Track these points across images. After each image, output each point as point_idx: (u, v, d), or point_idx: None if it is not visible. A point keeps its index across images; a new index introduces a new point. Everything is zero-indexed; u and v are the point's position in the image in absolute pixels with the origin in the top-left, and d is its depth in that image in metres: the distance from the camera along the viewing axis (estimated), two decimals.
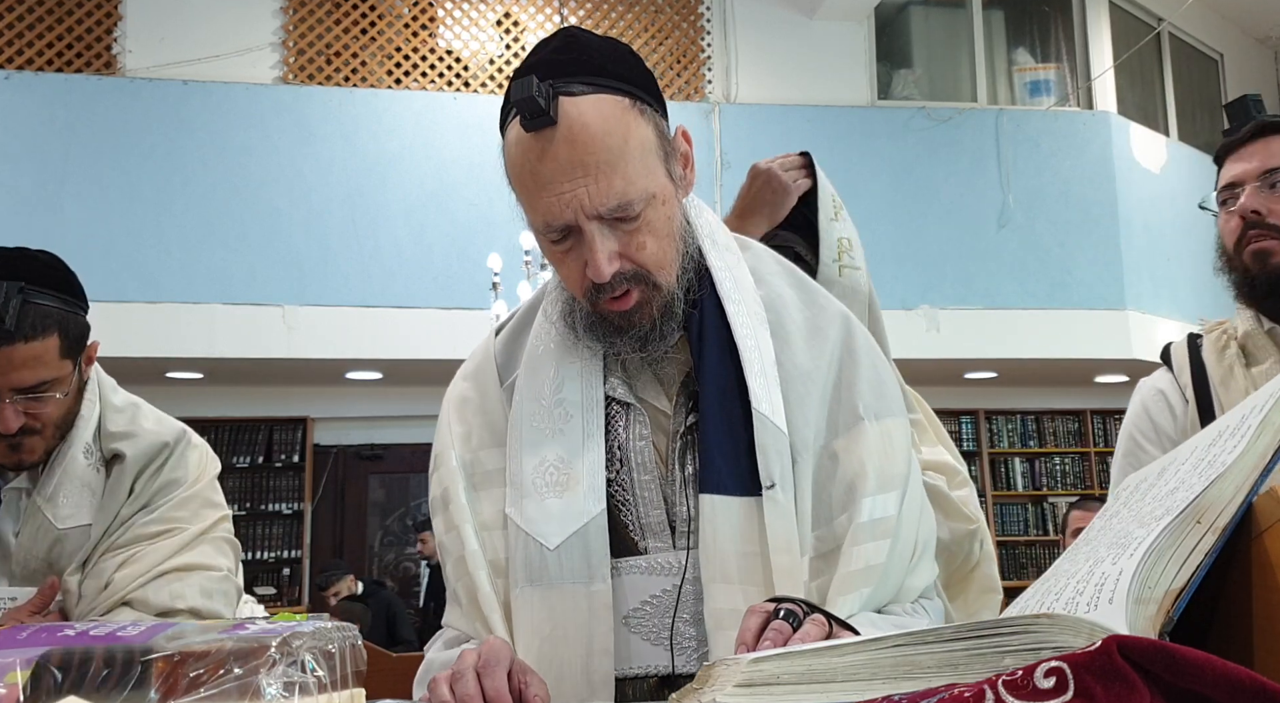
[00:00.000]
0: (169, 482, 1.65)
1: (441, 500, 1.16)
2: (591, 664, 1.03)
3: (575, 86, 1.02)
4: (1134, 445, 1.72)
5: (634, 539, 1.09)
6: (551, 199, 1.02)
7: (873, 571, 1.04)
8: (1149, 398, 1.72)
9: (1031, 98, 7.95)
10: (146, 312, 6.29)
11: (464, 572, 1.11)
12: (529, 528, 1.07)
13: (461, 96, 7.06)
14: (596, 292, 1.06)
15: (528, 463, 1.10)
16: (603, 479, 1.08)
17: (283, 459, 7.74)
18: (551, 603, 1.05)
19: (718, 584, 1.03)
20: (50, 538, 1.55)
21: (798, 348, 1.12)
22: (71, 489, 1.57)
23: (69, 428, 1.59)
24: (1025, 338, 7.22)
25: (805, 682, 0.63)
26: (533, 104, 0.99)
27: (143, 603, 1.55)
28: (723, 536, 1.04)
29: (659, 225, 1.06)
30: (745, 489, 1.05)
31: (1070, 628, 0.55)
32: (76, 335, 1.57)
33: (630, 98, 1.05)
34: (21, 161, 6.26)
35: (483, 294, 5.92)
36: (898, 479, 1.09)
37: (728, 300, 1.12)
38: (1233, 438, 0.64)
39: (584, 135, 1.00)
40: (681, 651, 1.05)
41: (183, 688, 0.63)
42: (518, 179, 1.06)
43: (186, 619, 1.55)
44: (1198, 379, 1.65)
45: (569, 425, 1.11)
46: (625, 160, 1.02)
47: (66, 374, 1.55)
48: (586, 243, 1.03)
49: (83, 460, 1.59)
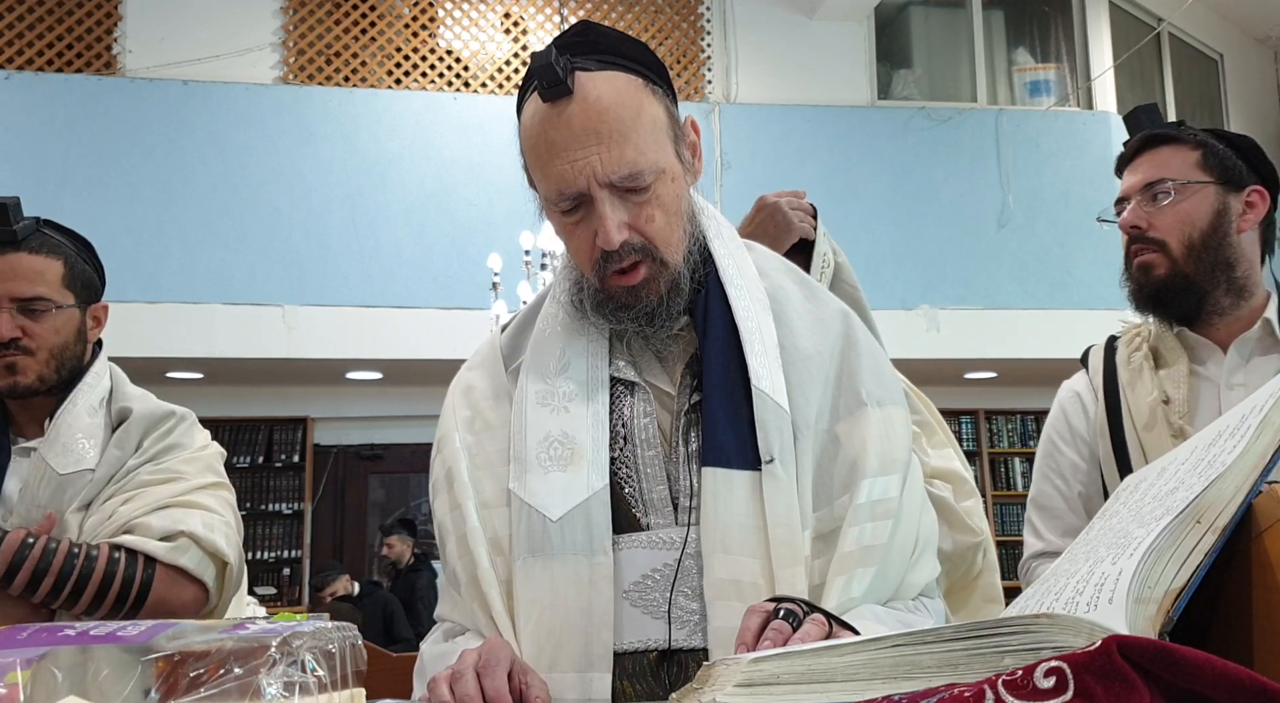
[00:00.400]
0: (176, 444, 1.70)
1: (445, 480, 1.16)
2: (591, 635, 1.03)
3: (591, 63, 1.07)
4: (1051, 447, 1.74)
5: (636, 516, 1.09)
6: (565, 166, 1.06)
7: (871, 551, 1.04)
8: (1066, 400, 1.74)
9: (1031, 98, 7.95)
10: (146, 312, 6.29)
11: (465, 550, 1.11)
12: (531, 501, 1.08)
13: (461, 96, 7.06)
14: (605, 261, 1.08)
15: (532, 438, 1.11)
16: (606, 456, 1.10)
17: (283, 459, 7.73)
18: (553, 572, 1.05)
19: (718, 555, 1.04)
20: (52, 485, 1.58)
21: (800, 334, 1.15)
22: (74, 439, 1.62)
23: (66, 367, 1.64)
24: (1025, 338, 7.21)
25: (805, 682, 0.63)
26: (551, 72, 1.04)
27: (145, 527, 1.57)
28: (724, 507, 1.05)
29: (668, 201, 1.10)
30: (747, 463, 1.06)
31: (1070, 628, 0.55)
32: (83, 277, 1.67)
33: (643, 78, 1.09)
34: (21, 161, 6.27)
35: (483, 294, 5.92)
36: (899, 464, 1.10)
37: (730, 285, 1.15)
38: (1233, 438, 0.64)
39: (598, 105, 1.05)
40: (681, 624, 1.05)
41: (183, 688, 0.63)
42: (532, 149, 1.10)
43: (186, 541, 1.58)
44: (1108, 380, 1.67)
45: (574, 403, 1.12)
46: (637, 131, 1.06)
47: (67, 304, 1.63)
48: (597, 211, 1.06)
49: (87, 418, 1.64)
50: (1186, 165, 1.60)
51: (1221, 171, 1.59)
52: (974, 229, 7.35)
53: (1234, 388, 1.56)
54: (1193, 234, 1.57)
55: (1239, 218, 1.58)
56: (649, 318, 1.11)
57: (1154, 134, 1.65)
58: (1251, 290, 1.60)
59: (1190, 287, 1.58)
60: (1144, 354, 1.65)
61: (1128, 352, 1.68)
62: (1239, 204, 1.58)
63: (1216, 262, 1.57)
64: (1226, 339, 1.60)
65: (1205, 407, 1.58)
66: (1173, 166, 1.60)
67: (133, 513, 1.58)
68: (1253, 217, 1.59)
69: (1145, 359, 1.64)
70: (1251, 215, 1.58)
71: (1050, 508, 1.70)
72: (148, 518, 1.58)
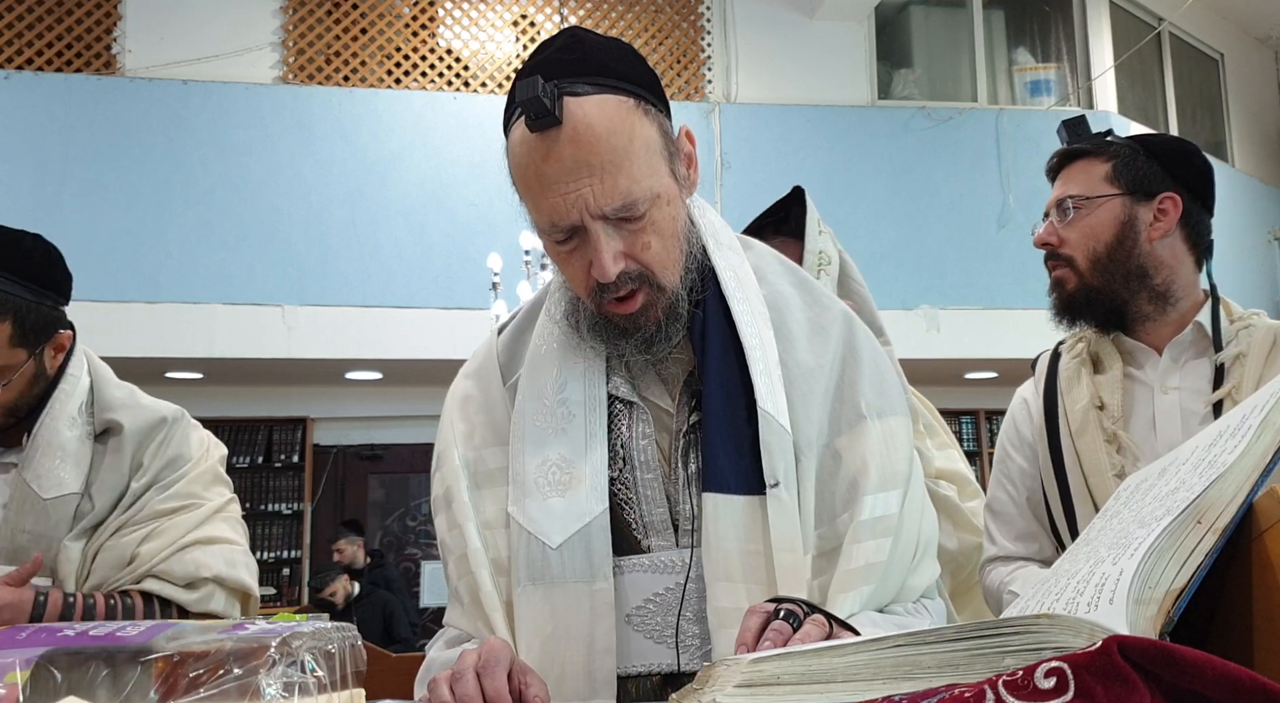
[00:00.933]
0: (175, 457, 1.67)
1: (444, 499, 1.16)
2: (594, 663, 1.03)
3: (580, 86, 1.02)
4: (1003, 453, 1.76)
5: (637, 538, 1.09)
6: (556, 199, 1.02)
7: (873, 569, 1.04)
8: (1015, 406, 1.77)
9: (1032, 98, 7.95)
10: (146, 312, 6.29)
11: (466, 570, 1.11)
12: (531, 527, 1.07)
13: (461, 96, 7.06)
14: (601, 292, 1.06)
15: (530, 462, 1.10)
16: (605, 479, 1.08)
17: (282, 459, 7.73)
18: (554, 601, 1.04)
19: (721, 583, 1.03)
20: (36, 509, 1.55)
21: (800, 346, 1.13)
22: (55, 460, 1.58)
23: (28, 408, 1.59)
24: (1025, 338, 7.20)
25: (805, 682, 0.63)
26: (538, 104, 0.99)
27: (167, 574, 1.58)
28: (726, 534, 1.04)
29: (663, 225, 1.06)
30: (748, 488, 1.05)
31: (1070, 628, 0.55)
32: (35, 325, 1.57)
33: (634, 98, 1.05)
34: (21, 161, 6.26)
35: (483, 294, 5.92)
36: (899, 478, 1.09)
37: (732, 299, 1.12)
38: (1233, 438, 0.64)
39: (589, 135, 1.01)
40: (686, 649, 1.04)
41: (183, 688, 0.63)
42: (522, 180, 1.06)
43: (211, 587, 1.61)
44: (1049, 386, 1.69)
45: (572, 425, 1.11)
46: (630, 160, 1.02)
47: (16, 363, 1.56)
48: (591, 243, 1.03)
49: (67, 432, 1.59)
50: (1094, 180, 1.62)
51: (1131, 182, 1.60)
52: (974, 229, 7.35)
53: (1169, 391, 1.57)
54: (1097, 247, 1.60)
55: (1148, 227, 1.59)
56: (647, 345, 1.09)
57: (1070, 150, 1.68)
58: (1178, 296, 1.61)
59: (1100, 298, 1.61)
60: (1082, 360, 1.66)
61: (1070, 356, 1.69)
62: (1149, 213, 1.59)
63: (1129, 272, 1.59)
64: (1160, 343, 1.61)
65: (1140, 411, 1.59)
66: (1080, 182, 1.63)
67: (153, 556, 1.57)
68: (1164, 224, 1.58)
69: (1083, 365, 1.66)
70: (1163, 223, 1.59)
71: (1003, 513, 1.71)
72: (169, 565, 1.58)
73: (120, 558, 1.57)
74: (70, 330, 1.66)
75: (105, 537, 1.59)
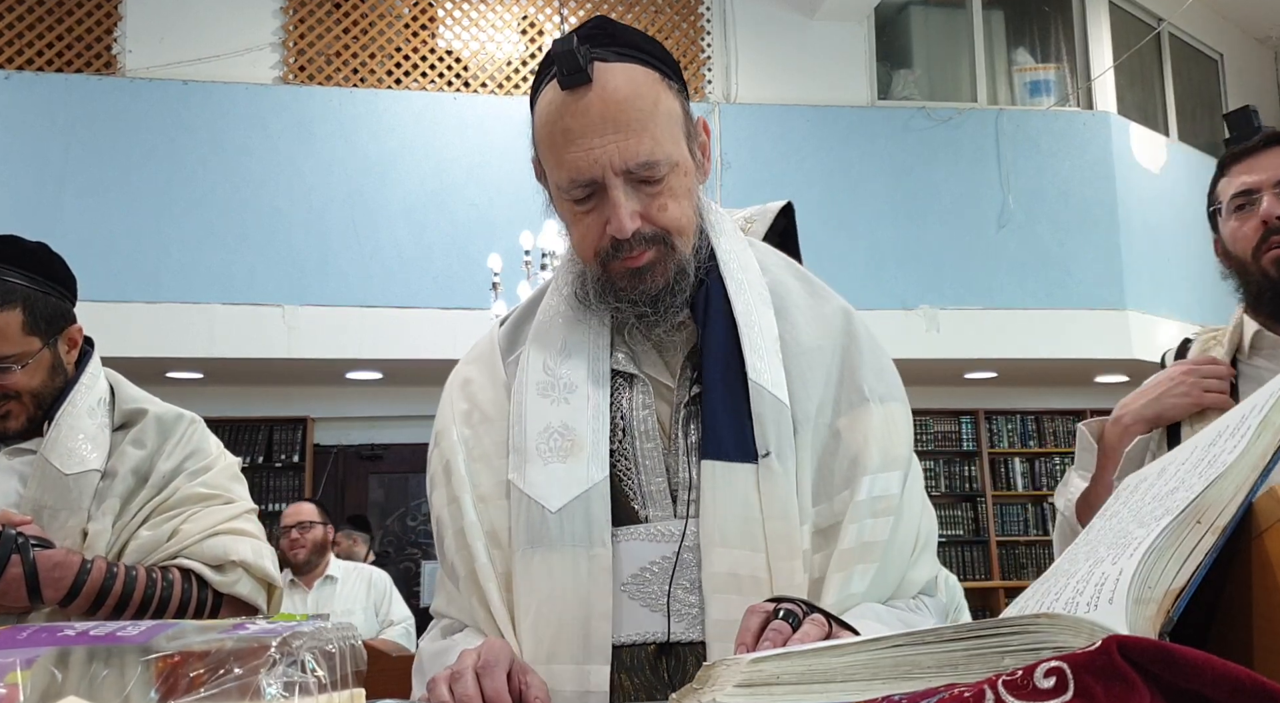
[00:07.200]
0: (198, 449, 1.72)
1: (443, 473, 1.16)
2: (589, 627, 1.03)
3: (610, 54, 1.08)
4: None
5: (635, 508, 1.10)
6: (580, 154, 1.06)
7: (871, 548, 1.05)
8: None
9: (1031, 98, 7.95)
10: (146, 312, 6.29)
11: (463, 543, 1.11)
12: (531, 492, 1.08)
13: (461, 96, 7.06)
14: (614, 250, 1.09)
15: (531, 430, 1.11)
16: (606, 448, 1.10)
17: (283, 459, 7.73)
18: (551, 564, 1.05)
19: (716, 548, 1.04)
20: (59, 485, 1.59)
21: (801, 328, 1.15)
22: (77, 439, 1.62)
23: (51, 399, 1.64)
24: (1025, 338, 7.21)
25: (805, 682, 0.63)
26: (571, 59, 1.04)
27: (198, 554, 1.62)
28: (723, 501, 1.05)
29: (680, 193, 1.10)
30: (746, 456, 1.06)
31: (1070, 628, 0.55)
32: (45, 314, 1.62)
33: (659, 73, 1.10)
34: (21, 161, 6.26)
35: (483, 294, 5.92)
36: (900, 461, 1.10)
37: (730, 279, 1.15)
38: (1233, 438, 0.64)
39: (616, 95, 1.06)
40: (679, 617, 1.05)
41: (183, 688, 0.63)
42: (548, 136, 1.10)
43: (239, 572, 1.65)
44: None
45: (574, 395, 1.12)
46: (654, 123, 1.07)
47: (31, 350, 1.60)
48: (610, 200, 1.07)
49: (87, 419, 1.64)
50: None
51: None
52: (974, 229, 7.35)
53: None
54: None
55: None
56: (653, 302, 1.11)
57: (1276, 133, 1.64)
58: None
59: None
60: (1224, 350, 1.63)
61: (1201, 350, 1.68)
62: None
63: None
64: None
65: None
66: None
67: (189, 537, 1.62)
68: None
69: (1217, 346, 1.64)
70: None
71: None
72: (200, 547, 1.62)
73: (157, 539, 1.61)
74: (80, 328, 1.71)
75: (140, 518, 1.63)
